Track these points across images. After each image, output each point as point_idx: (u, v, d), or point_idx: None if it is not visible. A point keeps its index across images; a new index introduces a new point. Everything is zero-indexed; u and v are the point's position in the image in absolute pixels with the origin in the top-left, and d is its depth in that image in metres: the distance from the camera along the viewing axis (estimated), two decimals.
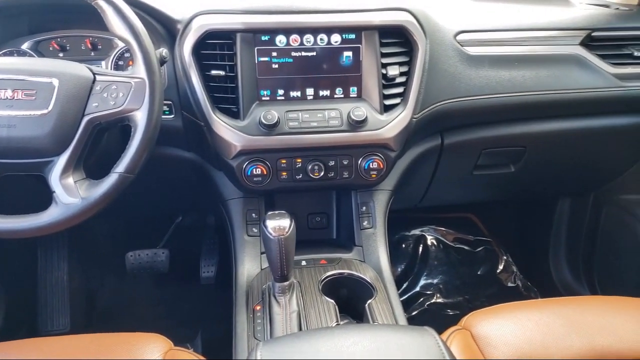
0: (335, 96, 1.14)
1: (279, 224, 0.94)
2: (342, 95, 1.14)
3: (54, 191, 0.87)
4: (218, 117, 1.08)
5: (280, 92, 1.12)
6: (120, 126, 0.93)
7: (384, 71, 1.13)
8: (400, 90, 1.15)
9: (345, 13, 1.11)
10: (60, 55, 1.15)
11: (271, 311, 1.00)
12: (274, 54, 1.10)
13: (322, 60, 1.12)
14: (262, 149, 1.10)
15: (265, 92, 1.11)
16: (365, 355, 0.63)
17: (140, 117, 0.88)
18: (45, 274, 1.72)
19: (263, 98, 1.11)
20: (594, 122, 1.38)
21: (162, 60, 0.99)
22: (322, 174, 1.14)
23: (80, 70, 0.90)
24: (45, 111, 0.86)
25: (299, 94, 1.13)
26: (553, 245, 1.91)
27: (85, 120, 0.87)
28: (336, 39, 1.12)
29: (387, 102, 1.15)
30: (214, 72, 1.09)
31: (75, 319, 1.71)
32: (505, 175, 1.49)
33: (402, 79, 1.15)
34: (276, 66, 1.11)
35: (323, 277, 1.12)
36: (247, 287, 1.12)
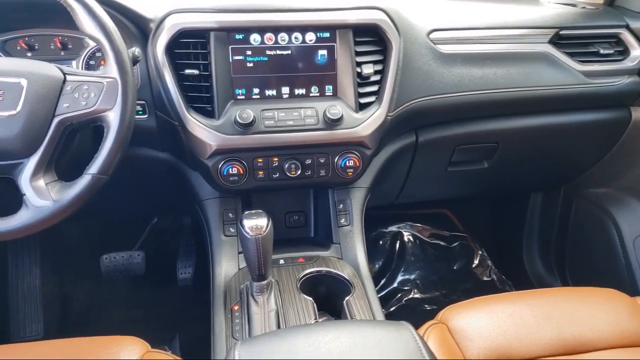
0: (310, 95, 1.14)
1: (256, 223, 0.94)
2: (317, 94, 1.14)
3: (24, 194, 0.85)
4: (192, 117, 1.07)
5: (256, 90, 1.12)
6: (93, 127, 0.92)
7: (358, 70, 1.14)
8: (375, 88, 1.16)
9: (319, 12, 1.11)
10: (28, 54, 1.12)
11: (249, 311, 1.00)
12: (249, 52, 1.10)
13: (297, 58, 1.12)
14: (238, 148, 1.10)
15: (240, 91, 1.11)
16: (343, 351, 0.63)
17: (112, 118, 0.87)
18: (16, 280, 1.67)
19: (238, 97, 1.11)
20: (563, 118, 1.42)
21: (135, 60, 0.97)
22: (299, 172, 1.14)
23: (49, 70, 0.88)
24: (13, 112, 0.84)
25: (274, 92, 1.13)
26: (526, 239, 1.95)
27: (55, 121, 0.86)
28: (311, 37, 1.12)
29: (362, 100, 1.15)
30: (187, 72, 1.08)
31: (49, 324, 1.67)
32: (478, 171, 1.52)
33: (377, 78, 1.16)
34: (251, 65, 1.11)
35: (301, 275, 1.12)
36: (225, 288, 1.11)
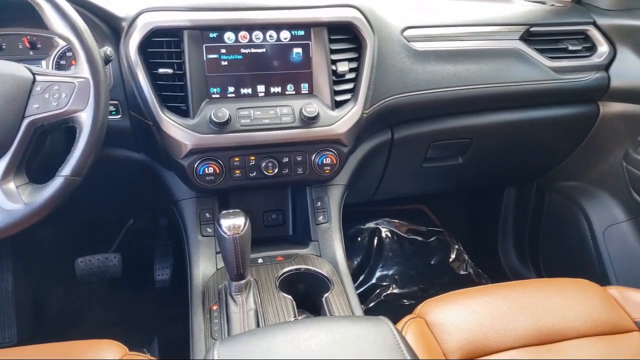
0: (286, 93, 1.14)
1: (234, 223, 0.93)
2: (293, 92, 1.14)
3: None
4: (167, 116, 1.06)
5: (231, 89, 1.11)
6: (65, 128, 0.90)
7: (334, 67, 1.14)
8: (350, 86, 1.17)
9: (293, 10, 1.11)
10: None
11: (228, 310, 0.99)
12: (223, 51, 1.09)
13: (272, 56, 1.12)
14: (214, 148, 1.09)
15: (215, 90, 1.10)
16: (321, 347, 0.64)
17: (85, 118, 0.85)
18: None
19: (213, 95, 1.10)
20: (534, 113, 1.45)
21: (107, 59, 0.96)
22: (276, 170, 1.14)
23: (17, 70, 0.86)
24: None
25: (249, 90, 1.12)
26: (501, 233, 1.99)
27: (25, 122, 0.84)
28: (285, 35, 1.12)
29: (338, 98, 1.16)
30: (161, 71, 1.07)
31: (23, 330, 1.63)
32: (453, 166, 1.54)
33: (352, 75, 1.17)
34: (225, 63, 1.10)
35: (280, 274, 1.12)
36: (203, 288, 1.10)
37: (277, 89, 1.13)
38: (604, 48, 1.41)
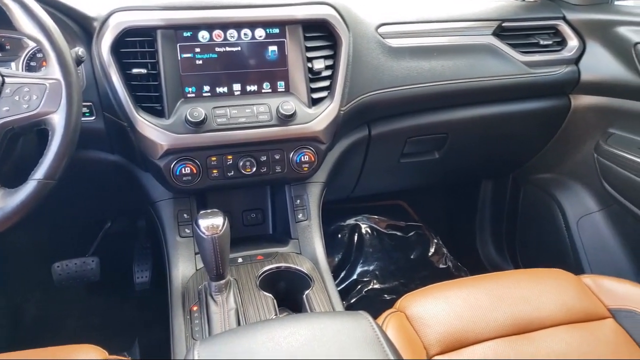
0: (263, 91, 1.14)
1: (212, 223, 0.93)
2: (270, 90, 1.14)
3: None
4: (142, 117, 1.05)
5: (206, 88, 1.10)
6: (37, 130, 0.89)
7: (309, 65, 1.14)
8: (326, 83, 1.17)
9: (267, 8, 1.11)
10: None
11: (208, 311, 0.99)
12: (197, 50, 1.08)
13: (248, 55, 1.11)
14: (190, 147, 1.08)
15: (190, 89, 1.09)
16: (302, 344, 0.64)
17: (57, 120, 0.84)
18: None
19: (188, 95, 1.09)
20: (508, 107, 1.47)
21: (79, 60, 0.94)
22: (255, 169, 1.14)
23: None
24: None
25: (225, 89, 1.12)
26: (479, 226, 2.02)
27: None
28: (260, 33, 1.11)
29: (315, 95, 1.16)
30: (135, 71, 1.05)
31: None
32: (430, 161, 1.56)
33: (328, 73, 1.17)
34: (200, 62, 1.09)
35: (260, 273, 1.12)
36: (183, 289, 1.10)
37: (253, 87, 1.13)
38: (573, 42, 1.44)
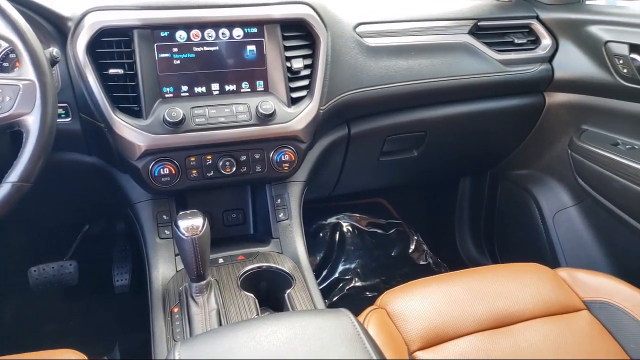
0: (242, 90, 1.13)
1: (192, 224, 0.92)
2: (248, 90, 1.14)
3: None
4: (119, 118, 1.04)
5: (184, 88, 1.10)
6: (10, 132, 0.87)
7: (288, 64, 1.15)
8: (305, 82, 1.17)
9: (245, 7, 1.11)
10: None
11: (189, 312, 0.98)
12: (175, 49, 1.08)
13: (226, 54, 1.11)
14: (169, 148, 1.07)
15: (168, 89, 1.08)
16: (283, 342, 0.64)
17: (32, 122, 0.83)
18: None
19: (166, 95, 1.08)
20: (485, 105, 1.49)
21: (53, 60, 0.93)
22: (234, 169, 1.13)
23: None
24: None
25: (203, 89, 1.11)
26: (457, 223, 2.05)
27: None
28: (238, 33, 1.11)
29: (294, 94, 1.16)
30: (111, 71, 1.04)
31: None
32: (409, 159, 1.57)
33: (307, 72, 1.17)
34: (178, 62, 1.08)
35: (241, 273, 1.11)
36: (164, 291, 1.09)
37: (232, 87, 1.13)
38: (547, 41, 1.47)
